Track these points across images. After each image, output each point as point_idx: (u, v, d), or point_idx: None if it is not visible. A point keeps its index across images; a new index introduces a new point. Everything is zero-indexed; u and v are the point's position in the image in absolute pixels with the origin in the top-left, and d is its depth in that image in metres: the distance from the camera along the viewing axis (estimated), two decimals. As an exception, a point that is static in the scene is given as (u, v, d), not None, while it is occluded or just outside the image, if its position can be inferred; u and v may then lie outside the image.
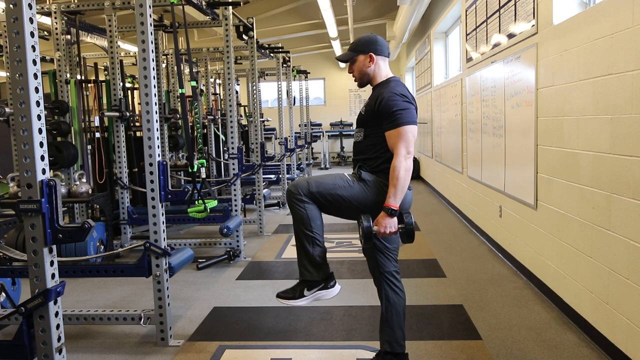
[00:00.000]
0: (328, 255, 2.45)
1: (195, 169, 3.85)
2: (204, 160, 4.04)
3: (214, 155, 7.68)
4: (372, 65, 2.44)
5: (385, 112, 2.32)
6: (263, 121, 9.67)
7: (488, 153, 4.99)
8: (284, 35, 10.94)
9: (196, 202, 3.88)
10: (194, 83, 4.19)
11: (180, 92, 3.74)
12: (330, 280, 2.45)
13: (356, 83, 2.54)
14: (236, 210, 4.94)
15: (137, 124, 6.28)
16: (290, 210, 2.43)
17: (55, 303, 2.11)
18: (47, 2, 5.48)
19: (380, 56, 2.46)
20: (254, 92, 7.38)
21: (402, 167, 2.24)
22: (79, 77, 5.28)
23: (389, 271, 2.52)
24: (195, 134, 6.29)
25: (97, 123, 5.18)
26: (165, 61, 7.11)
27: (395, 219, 2.27)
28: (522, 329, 3.12)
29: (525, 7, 3.85)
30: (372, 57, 2.44)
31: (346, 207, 2.39)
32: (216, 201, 4.08)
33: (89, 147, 5.46)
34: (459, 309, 3.47)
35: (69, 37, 5.01)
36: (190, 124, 6.78)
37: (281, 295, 2.46)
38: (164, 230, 2.99)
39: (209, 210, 3.86)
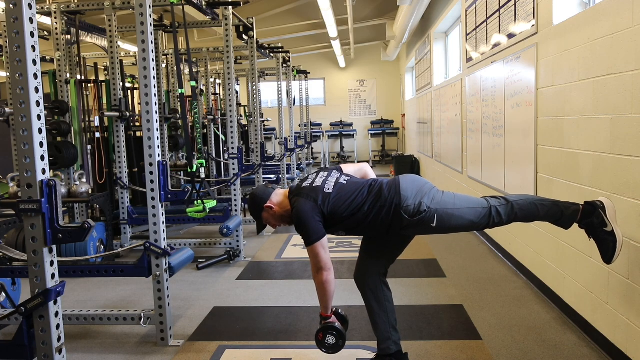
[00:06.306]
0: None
1: (194, 169, 3.85)
2: (203, 160, 4.04)
3: (214, 155, 7.68)
4: (275, 208, 2.53)
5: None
6: (263, 121, 9.67)
7: (488, 153, 4.99)
8: (284, 35, 10.93)
9: (195, 202, 3.89)
10: (193, 83, 4.19)
11: (179, 92, 3.74)
12: None
13: (288, 225, 2.61)
14: (236, 210, 4.94)
15: (137, 124, 6.28)
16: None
17: (55, 303, 2.11)
18: (47, 2, 5.49)
19: (271, 198, 2.54)
20: (254, 92, 7.37)
21: (316, 283, 2.38)
22: (79, 77, 5.28)
23: (385, 272, 2.62)
24: (195, 134, 6.30)
25: (97, 123, 5.18)
26: (165, 61, 7.10)
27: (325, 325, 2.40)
28: (522, 329, 3.12)
29: (525, 7, 3.85)
30: (268, 205, 2.52)
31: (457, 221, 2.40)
32: (215, 201, 4.08)
33: (89, 147, 5.46)
34: (459, 309, 3.47)
35: (69, 37, 5.01)
36: (190, 124, 6.79)
37: None
38: (164, 230, 2.99)
39: (207, 210, 3.86)
